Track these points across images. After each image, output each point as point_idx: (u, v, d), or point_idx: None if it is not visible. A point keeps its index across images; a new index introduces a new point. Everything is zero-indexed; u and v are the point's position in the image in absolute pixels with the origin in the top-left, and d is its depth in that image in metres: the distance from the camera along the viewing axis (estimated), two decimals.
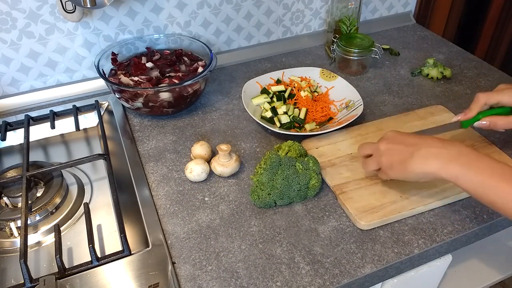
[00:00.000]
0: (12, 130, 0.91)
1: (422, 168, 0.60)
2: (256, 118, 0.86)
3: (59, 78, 1.01)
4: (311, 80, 0.99)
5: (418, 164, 0.60)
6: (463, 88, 1.01)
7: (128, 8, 0.97)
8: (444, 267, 0.78)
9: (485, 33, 1.36)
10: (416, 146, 0.61)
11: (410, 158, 0.61)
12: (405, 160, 0.61)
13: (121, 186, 0.78)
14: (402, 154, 0.61)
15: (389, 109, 0.95)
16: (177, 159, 0.83)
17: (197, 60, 0.98)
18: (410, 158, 0.61)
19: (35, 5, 0.89)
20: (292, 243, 0.67)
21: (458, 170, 0.58)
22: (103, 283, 0.62)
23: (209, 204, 0.74)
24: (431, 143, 0.61)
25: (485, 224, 0.70)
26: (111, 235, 0.73)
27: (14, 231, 0.72)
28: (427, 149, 0.60)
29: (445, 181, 0.61)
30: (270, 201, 0.71)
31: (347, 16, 1.07)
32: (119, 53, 0.98)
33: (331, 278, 0.62)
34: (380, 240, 0.67)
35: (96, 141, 0.94)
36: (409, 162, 0.61)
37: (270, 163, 0.71)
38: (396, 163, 0.63)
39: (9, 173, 0.80)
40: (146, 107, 0.88)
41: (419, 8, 1.31)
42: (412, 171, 0.61)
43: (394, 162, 0.63)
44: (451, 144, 0.60)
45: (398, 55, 1.14)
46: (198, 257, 0.65)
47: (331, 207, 0.73)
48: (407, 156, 0.61)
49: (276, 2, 1.10)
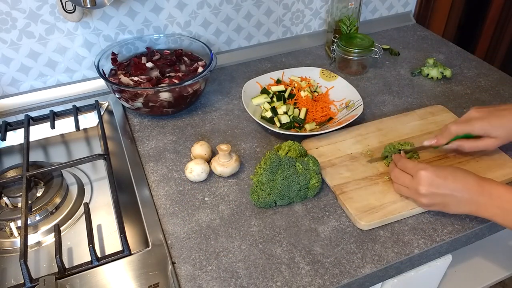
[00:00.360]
0: (12, 130, 0.91)
1: (462, 211, 0.67)
2: (256, 118, 0.86)
3: (59, 78, 1.01)
4: (311, 80, 0.99)
5: (459, 209, 0.67)
6: (463, 88, 1.01)
7: (128, 8, 0.97)
8: (444, 267, 0.78)
9: (485, 33, 1.36)
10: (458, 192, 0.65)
11: (452, 204, 0.66)
12: (447, 205, 0.67)
13: (121, 186, 0.78)
14: (444, 199, 0.66)
15: (389, 109, 0.95)
16: (177, 159, 0.83)
17: (197, 60, 0.98)
18: (452, 204, 0.66)
19: (35, 5, 0.89)
20: (292, 243, 0.67)
21: (492, 212, 0.64)
22: (103, 283, 0.62)
23: (209, 204, 0.74)
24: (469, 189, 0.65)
25: (485, 224, 0.70)
26: (111, 235, 0.73)
27: (14, 231, 0.72)
28: (467, 196, 0.65)
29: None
30: (270, 201, 0.71)
31: (347, 16, 1.07)
32: (119, 53, 0.98)
33: (331, 278, 0.62)
34: (380, 240, 0.67)
35: (96, 141, 0.94)
36: (450, 207, 0.67)
37: (270, 163, 0.71)
38: (438, 206, 0.68)
39: (9, 173, 0.80)
40: (146, 107, 0.88)
41: (419, 8, 1.31)
42: (452, 212, 0.68)
43: (436, 205, 0.68)
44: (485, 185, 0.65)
45: (398, 55, 1.14)
46: (198, 257, 0.65)
47: (331, 207, 0.73)
48: (450, 202, 0.66)
49: (276, 2, 1.10)
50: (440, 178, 0.66)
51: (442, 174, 0.66)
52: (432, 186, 0.66)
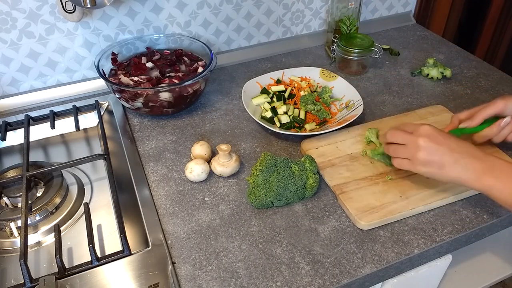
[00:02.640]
0: (12, 130, 0.91)
1: (459, 176, 0.63)
2: (256, 118, 0.86)
3: (59, 78, 1.01)
4: (311, 80, 0.99)
5: (457, 172, 0.62)
6: (463, 88, 1.01)
7: (128, 8, 0.97)
8: (444, 267, 0.78)
9: (485, 33, 1.36)
10: (459, 153, 0.62)
11: (452, 164, 0.62)
12: (446, 164, 0.63)
13: (121, 186, 0.78)
14: (444, 157, 0.62)
15: (389, 109, 0.95)
16: (177, 159, 0.83)
17: (197, 60, 0.98)
18: (452, 164, 0.62)
19: (35, 5, 0.89)
20: (292, 243, 0.67)
21: (491, 182, 0.61)
22: (103, 283, 0.62)
23: (209, 204, 0.74)
24: (472, 153, 0.62)
25: (485, 224, 0.70)
26: (111, 235, 0.73)
27: (14, 231, 0.72)
28: (469, 159, 0.62)
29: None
30: (267, 201, 0.71)
31: (347, 16, 1.07)
32: (119, 53, 0.98)
33: (331, 278, 0.62)
34: (380, 240, 0.67)
35: (96, 141, 0.94)
36: (449, 167, 0.63)
37: (266, 164, 0.71)
38: (435, 164, 0.64)
39: (9, 173, 0.80)
40: (146, 107, 0.88)
41: (419, 8, 1.31)
42: (449, 176, 0.64)
43: (433, 162, 0.64)
44: (487, 156, 0.62)
45: (398, 55, 1.14)
46: (198, 257, 0.65)
47: (331, 207, 0.73)
48: (449, 161, 0.62)
49: (276, 2, 1.10)
50: (441, 135, 0.64)
51: (445, 134, 0.64)
52: (432, 140, 0.63)
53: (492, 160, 0.62)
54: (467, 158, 0.62)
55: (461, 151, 0.63)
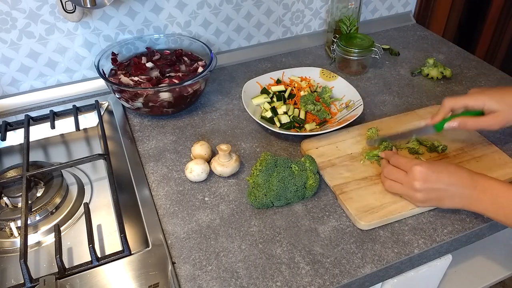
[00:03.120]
0: (12, 130, 0.91)
1: (456, 205, 0.67)
2: (256, 118, 0.86)
3: (59, 78, 1.01)
4: (311, 80, 0.99)
5: (455, 202, 0.67)
6: (463, 88, 1.01)
7: (128, 8, 0.97)
8: (444, 267, 0.78)
9: (485, 33, 1.36)
10: (454, 186, 0.65)
11: (450, 197, 0.66)
12: (442, 199, 0.67)
13: (121, 186, 0.78)
14: (440, 193, 0.66)
15: (389, 109, 0.95)
16: (177, 159, 0.83)
17: (197, 60, 0.98)
18: (450, 197, 0.66)
19: (35, 5, 0.89)
20: (292, 243, 0.67)
21: (484, 206, 0.65)
22: (103, 283, 0.62)
23: (209, 204, 0.74)
24: (464, 183, 0.65)
25: (485, 224, 0.70)
26: (111, 235, 0.73)
27: (14, 231, 0.72)
28: (462, 189, 0.65)
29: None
30: (267, 201, 0.71)
31: (347, 16, 1.07)
32: (119, 53, 0.98)
33: (331, 278, 0.62)
34: (380, 240, 0.67)
35: (96, 141, 0.94)
36: (447, 200, 0.67)
37: (266, 164, 0.71)
38: (433, 201, 0.68)
39: (9, 173, 0.80)
40: (146, 107, 0.88)
41: (419, 8, 1.31)
42: (447, 206, 0.68)
43: (431, 200, 0.68)
44: (477, 181, 0.65)
45: (398, 55, 1.14)
46: (198, 257, 0.65)
47: (331, 207, 0.73)
48: (446, 195, 0.66)
49: (276, 2, 1.10)
50: (434, 173, 0.66)
51: (437, 169, 0.66)
52: (427, 181, 0.66)
53: (482, 184, 0.64)
54: (461, 188, 0.65)
55: (455, 182, 0.65)
